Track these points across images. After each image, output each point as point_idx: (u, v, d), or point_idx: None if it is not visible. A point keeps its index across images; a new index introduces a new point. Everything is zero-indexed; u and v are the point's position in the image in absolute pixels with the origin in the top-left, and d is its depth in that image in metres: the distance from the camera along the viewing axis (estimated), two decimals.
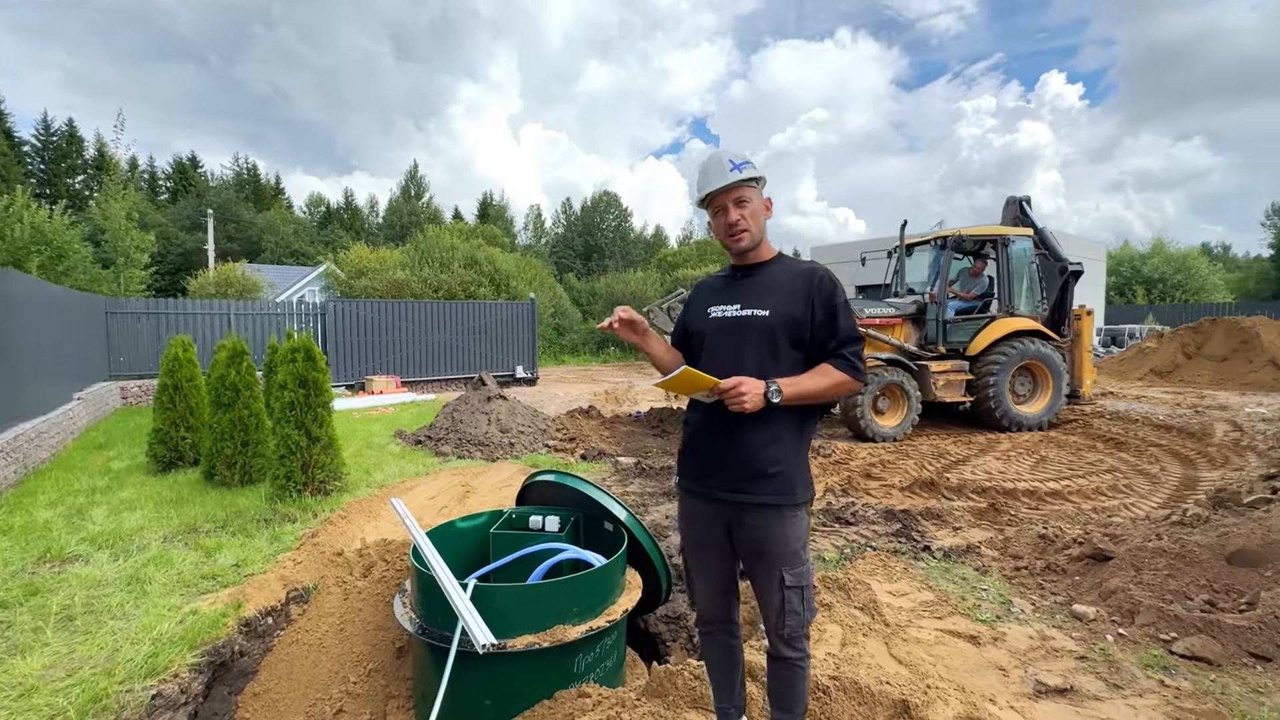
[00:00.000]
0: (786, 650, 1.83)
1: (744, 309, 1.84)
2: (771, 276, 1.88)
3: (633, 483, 5.55)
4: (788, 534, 1.77)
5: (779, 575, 1.77)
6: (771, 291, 1.84)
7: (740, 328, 1.84)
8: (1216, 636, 2.62)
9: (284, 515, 4.46)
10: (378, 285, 20.35)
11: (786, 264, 1.92)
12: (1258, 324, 14.02)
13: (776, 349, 1.80)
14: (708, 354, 1.90)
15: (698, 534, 1.97)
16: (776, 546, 1.77)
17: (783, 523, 1.77)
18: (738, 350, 1.82)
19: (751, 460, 1.77)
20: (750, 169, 1.85)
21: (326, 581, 3.45)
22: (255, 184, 47.32)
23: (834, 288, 1.82)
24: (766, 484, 1.77)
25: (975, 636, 2.74)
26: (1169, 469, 6.01)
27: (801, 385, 1.73)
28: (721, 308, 1.90)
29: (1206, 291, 28.74)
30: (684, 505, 2.02)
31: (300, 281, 28.65)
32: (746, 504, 1.79)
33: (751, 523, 1.79)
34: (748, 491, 1.78)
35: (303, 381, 4.76)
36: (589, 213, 47.79)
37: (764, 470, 1.76)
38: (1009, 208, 9.21)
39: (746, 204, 1.84)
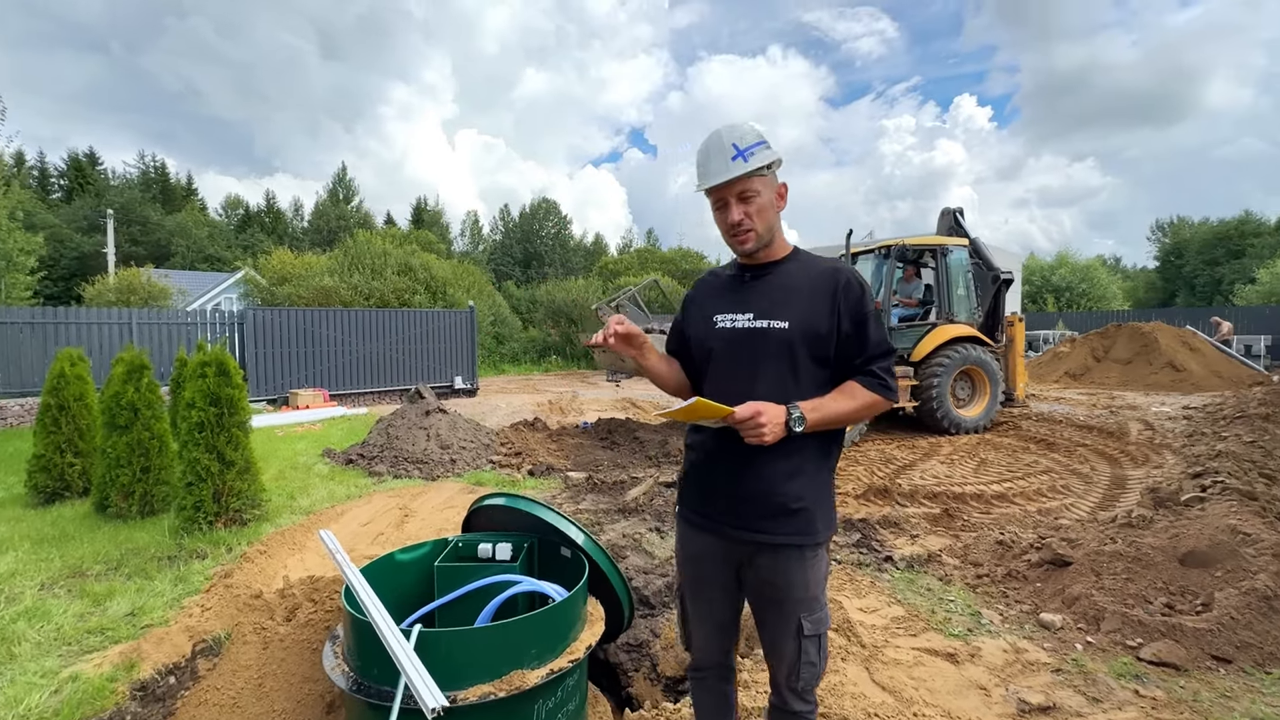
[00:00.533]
0: (797, 703, 1.62)
1: (758, 319, 1.57)
2: (789, 278, 1.60)
3: (585, 499, 5.29)
4: (808, 577, 1.56)
5: (796, 623, 1.56)
6: (789, 298, 1.57)
7: (754, 341, 1.57)
8: (1180, 641, 2.63)
9: (192, 551, 3.94)
10: (303, 292, 19.15)
11: (805, 262, 1.63)
12: (1156, 329, 15.23)
13: (797, 367, 1.54)
14: (715, 371, 1.64)
15: (701, 572, 1.73)
16: (795, 592, 1.56)
17: (803, 565, 1.55)
18: (752, 368, 1.57)
19: (770, 494, 1.53)
20: (761, 154, 1.53)
21: (242, 629, 3.02)
22: (164, 184, 43.95)
23: (862, 292, 1.56)
24: (787, 522, 1.53)
25: (952, 654, 2.66)
26: (1098, 468, 6.29)
27: (827, 409, 1.49)
28: (730, 316, 1.62)
29: (1107, 299, 31.26)
30: (685, 538, 1.76)
31: (215, 289, 26.73)
32: (763, 544, 1.56)
33: (768, 564, 1.57)
34: (765, 530, 1.55)
35: (214, 399, 4.25)
36: (527, 219, 47.07)
37: (785, 506, 1.53)
38: (944, 218, 9.57)
39: (753, 199, 1.55)
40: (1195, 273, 38.41)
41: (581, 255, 47.57)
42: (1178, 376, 13.66)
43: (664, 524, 4.49)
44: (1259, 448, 5.99)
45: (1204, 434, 7.53)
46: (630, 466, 6.40)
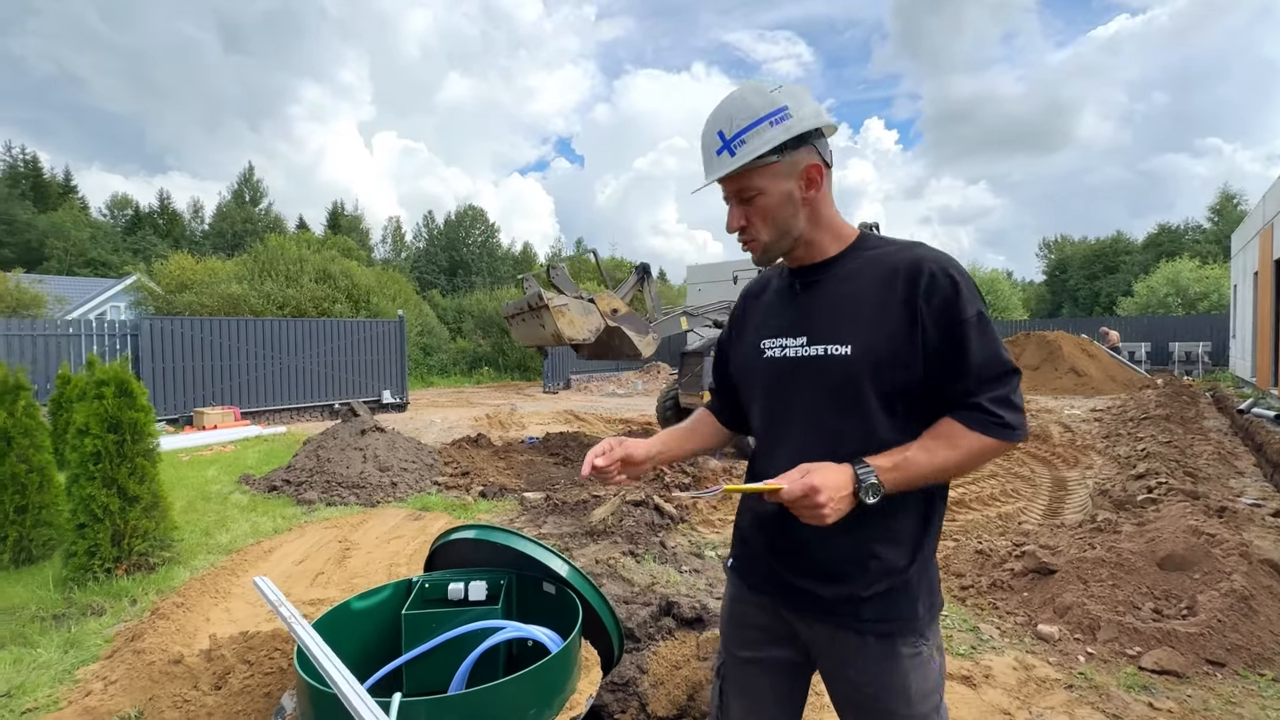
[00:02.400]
0: None
1: (812, 343, 1.17)
2: (849, 284, 1.16)
3: (546, 522, 4.94)
4: (909, 684, 1.13)
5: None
6: (853, 310, 1.14)
7: (808, 374, 1.17)
8: (1175, 647, 2.66)
9: (85, 607, 3.30)
10: (207, 300, 17.51)
11: (871, 257, 1.18)
12: (1059, 337, 16.52)
13: (866, 407, 1.12)
14: (760, 411, 1.28)
15: (756, 645, 1.31)
16: (894, 703, 1.13)
17: (900, 665, 1.13)
18: (806, 410, 1.18)
19: (847, 560, 1.14)
20: (755, 140, 1.11)
21: (158, 704, 2.50)
22: (36, 179, 39.34)
23: (955, 292, 1.08)
24: (872, 604, 1.13)
25: (968, 676, 2.56)
26: (1036, 471, 6.59)
27: (913, 466, 1.06)
28: (779, 341, 1.22)
29: (1009, 310, 33.89)
30: (738, 599, 1.36)
31: (100, 295, 24.02)
32: (844, 628, 1.16)
33: (847, 659, 1.17)
34: (841, 614, 1.15)
35: (114, 425, 3.62)
36: (453, 227, 45.60)
37: (869, 578, 1.13)
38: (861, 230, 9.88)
39: (754, 198, 1.16)
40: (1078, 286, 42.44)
41: (510, 264, 46.54)
42: (1080, 381, 14.84)
43: (638, 546, 4.24)
44: (1174, 447, 6.47)
45: (1120, 435, 8.11)
46: (589, 484, 6.09)
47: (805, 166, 1.14)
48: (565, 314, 6.25)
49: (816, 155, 1.15)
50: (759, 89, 1.14)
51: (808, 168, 1.15)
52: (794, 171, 1.14)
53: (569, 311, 6.29)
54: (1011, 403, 1.08)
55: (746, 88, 1.16)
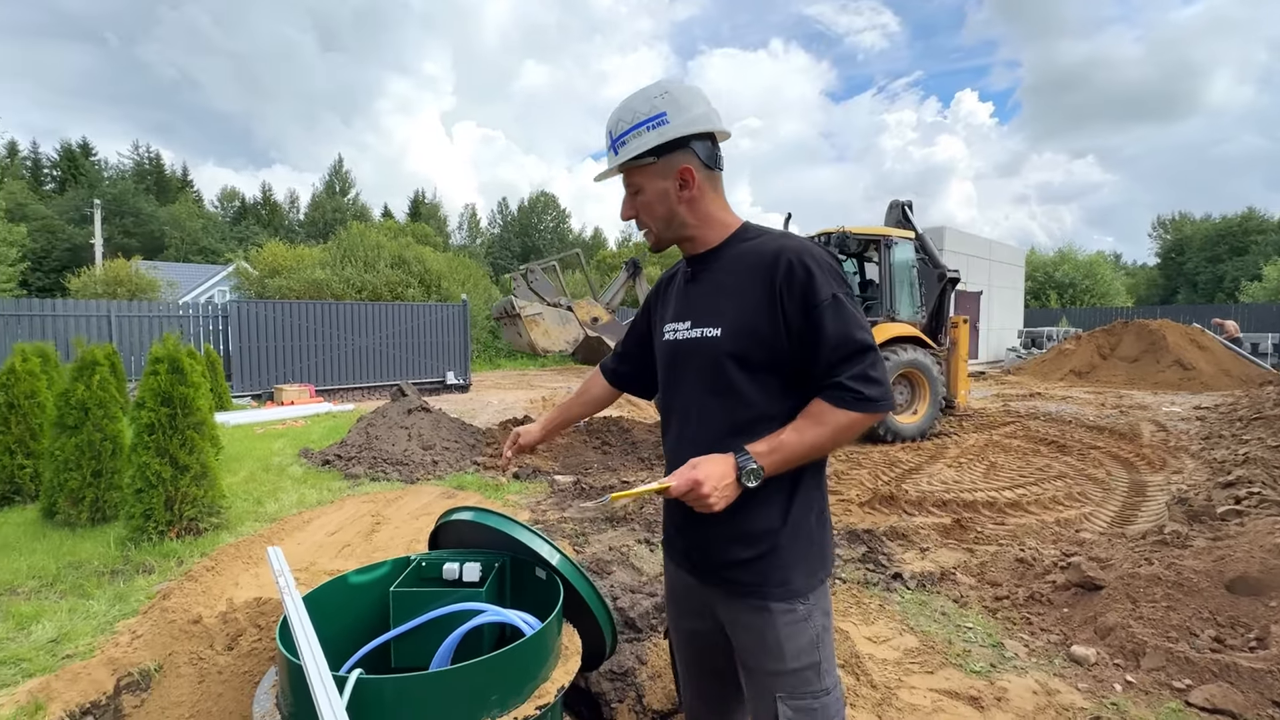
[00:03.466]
0: None
1: (694, 327, 1.28)
2: (725, 271, 1.27)
3: (571, 506, 4.96)
4: (782, 642, 1.20)
5: (771, 703, 1.21)
6: (724, 295, 1.25)
7: (687, 355, 1.28)
8: (1235, 683, 2.31)
9: (138, 565, 3.61)
10: (294, 285, 18.80)
11: (747, 248, 1.27)
12: (1163, 326, 14.91)
13: (737, 386, 1.21)
14: (665, 391, 1.39)
15: (679, 613, 1.46)
16: (768, 662, 1.22)
17: (774, 625, 1.20)
18: (691, 390, 1.28)
19: (723, 531, 1.22)
20: (635, 142, 1.23)
21: (176, 660, 2.69)
22: (159, 175, 43.51)
23: (809, 275, 1.16)
24: (748, 567, 1.21)
25: (976, 697, 2.34)
26: (1114, 473, 5.97)
27: (787, 447, 1.14)
28: (672, 326, 1.34)
29: (1110, 296, 30.91)
30: (667, 572, 1.51)
31: (208, 281, 26.38)
32: (731, 593, 1.26)
33: (734, 620, 1.27)
34: (723, 576, 1.26)
35: (166, 399, 3.91)
36: (526, 213, 46.70)
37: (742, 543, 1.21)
38: (892, 211, 8.98)
39: (637, 195, 1.29)
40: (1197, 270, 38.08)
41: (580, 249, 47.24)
42: (1186, 375, 13.35)
43: (654, 535, 4.17)
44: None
45: (1222, 436, 7.22)
46: (621, 470, 6.07)
47: (679, 168, 1.24)
48: (539, 324, 6.06)
49: (694, 158, 1.25)
50: (646, 94, 1.25)
51: (681, 169, 1.24)
52: (669, 172, 1.25)
53: (543, 321, 6.09)
54: (870, 377, 1.14)
55: (637, 93, 1.27)
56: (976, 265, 19.67)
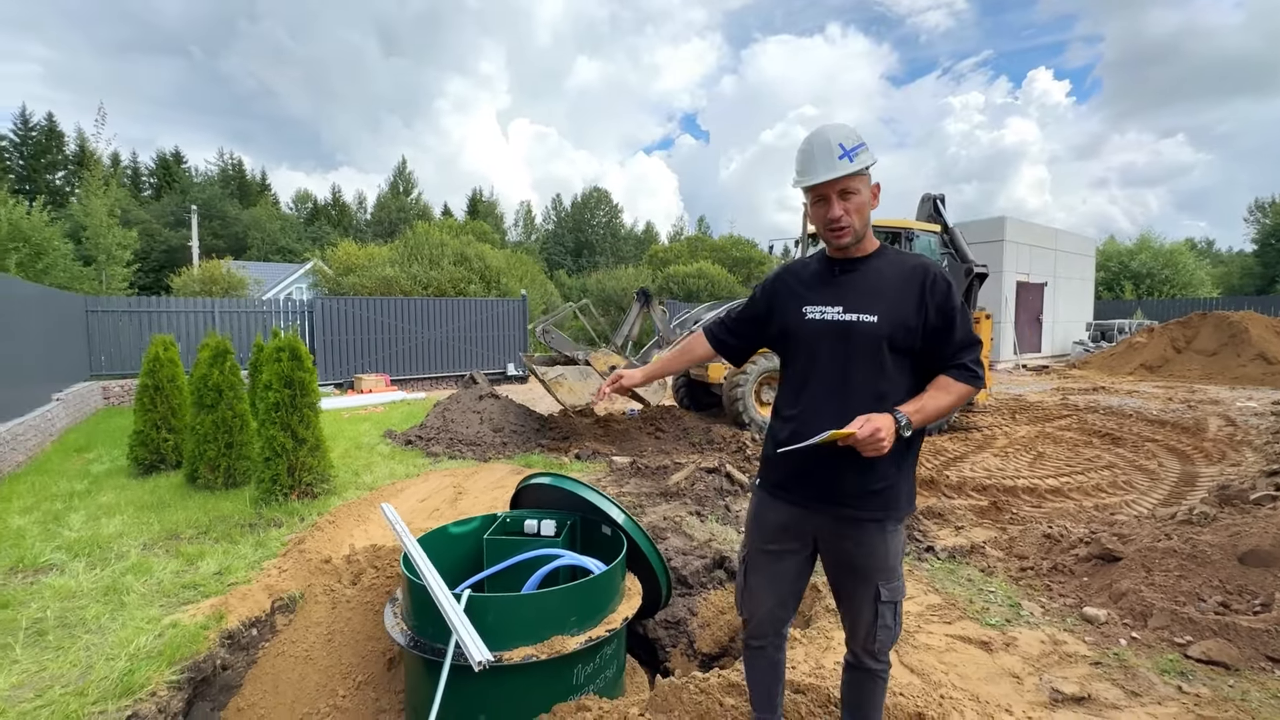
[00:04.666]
0: (871, 662, 1.77)
1: (848, 312, 1.65)
2: (877, 274, 1.67)
3: (628, 483, 5.44)
4: (889, 549, 1.68)
5: (875, 590, 1.68)
6: (879, 293, 1.64)
7: (846, 335, 1.65)
8: (1232, 640, 2.55)
9: (269, 520, 4.31)
10: (366, 282, 20.06)
11: (893, 259, 1.70)
12: (1246, 318, 14.13)
13: (883, 362, 1.63)
14: (806, 361, 1.73)
15: (777, 540, 1.81)
16: (877, 562, 1.67)
17: (884, 538, 1.67)
18: (844, 362, 1.65)
19: (858, 476, 1.64)
20: (863, 156, 1.62)
21: (314, 590, 3.32)
22: (241, 180, 46.65)
23: (949, 288, 1.63)
24: (873, 499, 1.65)
25: (986, 642, 2.66)
26: (1166, 465, 5.98)
27: (928, 408, 1.60)
28: (820, 308, 1.69)
29: (1193, 286, 28.98)
30: (764, 507, 1.84)
31: (287, 279, 28.28)
32: (850, 518, 1.67)
33: (852, 536, 1.68)
34: (852, 506, 1.66)
35: (288, 381, 4.61)
36: (579, 209, 47.57)
37: (870, 487, 1.64)
38: (924, 204, 8.95)
39: (853, 196, 1.63)
40: None
41: (632, 244, 47.76)
42: (1270, 369, 12.66)
43: (704, 508, 4.59)
44: None
45: None
46: (674, 453, 6.51)
47: (874, 185, 1.70)
48: (562, 385, 6.39)
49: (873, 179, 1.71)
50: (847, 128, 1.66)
51: (875, 185, 1.71)
52: (870, 186, 1.69)
53: (566, 381, 6.42)
54: (979, 362, 1.66)
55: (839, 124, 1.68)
56: (1041, 256, 19.02)
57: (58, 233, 15.68)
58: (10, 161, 33.60)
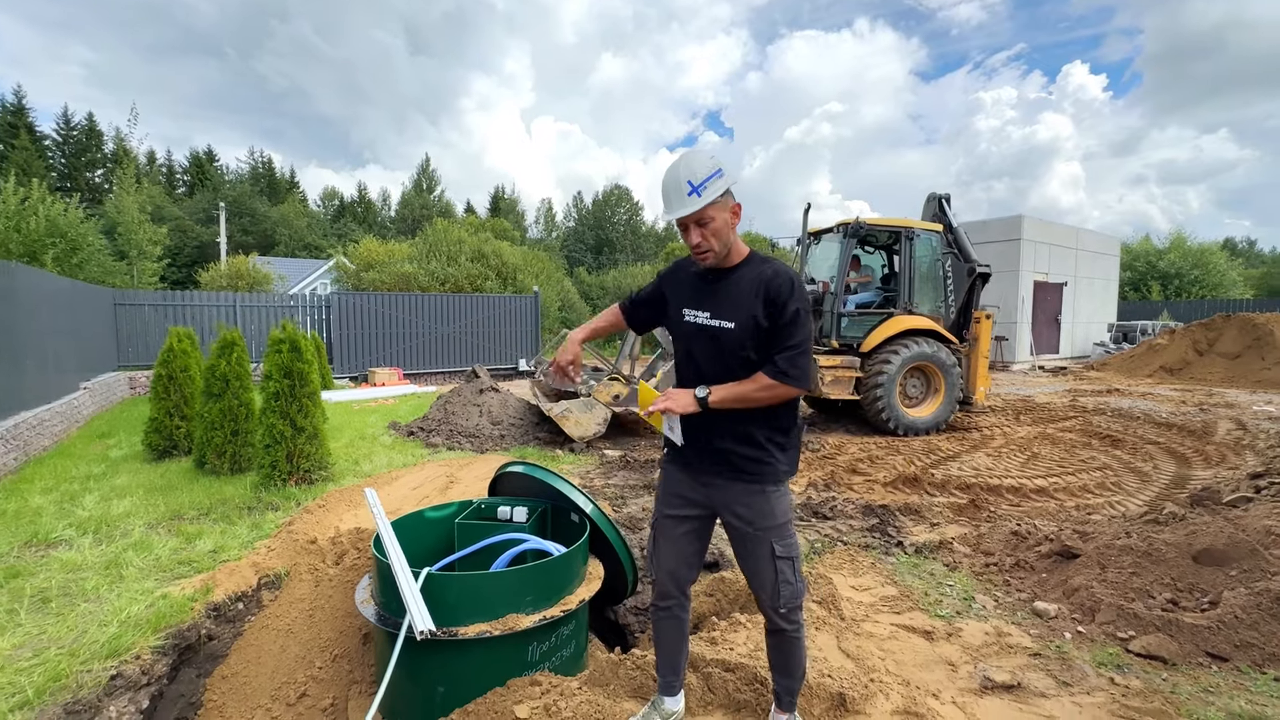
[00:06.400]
0: (783, 623, 1.91)
1: (713, 318, 1.87)
2: (738, 284, 1.86)
3: (616, 475, 5.57)
4: (773, 508, 1.87)
5: (769, 547, 1.86)
6: (736, 301, 1.84)
7: (710, 338, 1.88)
8: (1174, 635, 2.59)
9: (268, 504, 4.53)
10: (385, 278, 20.51)
11: (751, 268, 1.88)
12: (1272, 320, 13.72)
13: (740, 360, 1.84)
14: (683, 355, 2.00)
15: (674, 503, 2.03)
16: (765, 521, 1.86)
17: (766, 498, 1.87)
18: (708, 358, 1.90)
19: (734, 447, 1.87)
20: (713, 186, 1.77)
21: (299, 568, 3.51)
22: (270, 178, 47.83)
23: (787, 294, 1.78)
24: (750, 466, 1.87)
25: (930, 632, 2.73)
26: (1162, 467, 5.91)
27: (729, 390, 1.80)
28: (693, 313, 1.93)
29: (1224, 287, 28.05)
30: (668, 479, 2.07)
31: (312, 274, 28.99)
32: (732, 484, 1.89)
33: (739, 500, 1.89)
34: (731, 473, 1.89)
35: (287, 372, 4.83)
36: (600, 206, 47.78)
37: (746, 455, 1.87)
38: (929, 204, 8.82)
39: (708, 224, 1.81)
40: None
41: (652, 241, 47.82)
42: None
43: None
44: None
45: None
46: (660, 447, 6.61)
47: (732, 205, 1.84)
48: (569, 418, 6.50)
49: (734, 199, 1.86)
50: (701, 155, 1.82)
51: (734, 206, 1.85)
52: (728, 207, 1.84)
53: (572, 414, 6.54)
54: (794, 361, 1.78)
55: (693, 155, 1.83)
56: (1060, 255, 18.65)
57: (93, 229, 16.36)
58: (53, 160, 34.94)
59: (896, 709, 2.16)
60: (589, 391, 6.97)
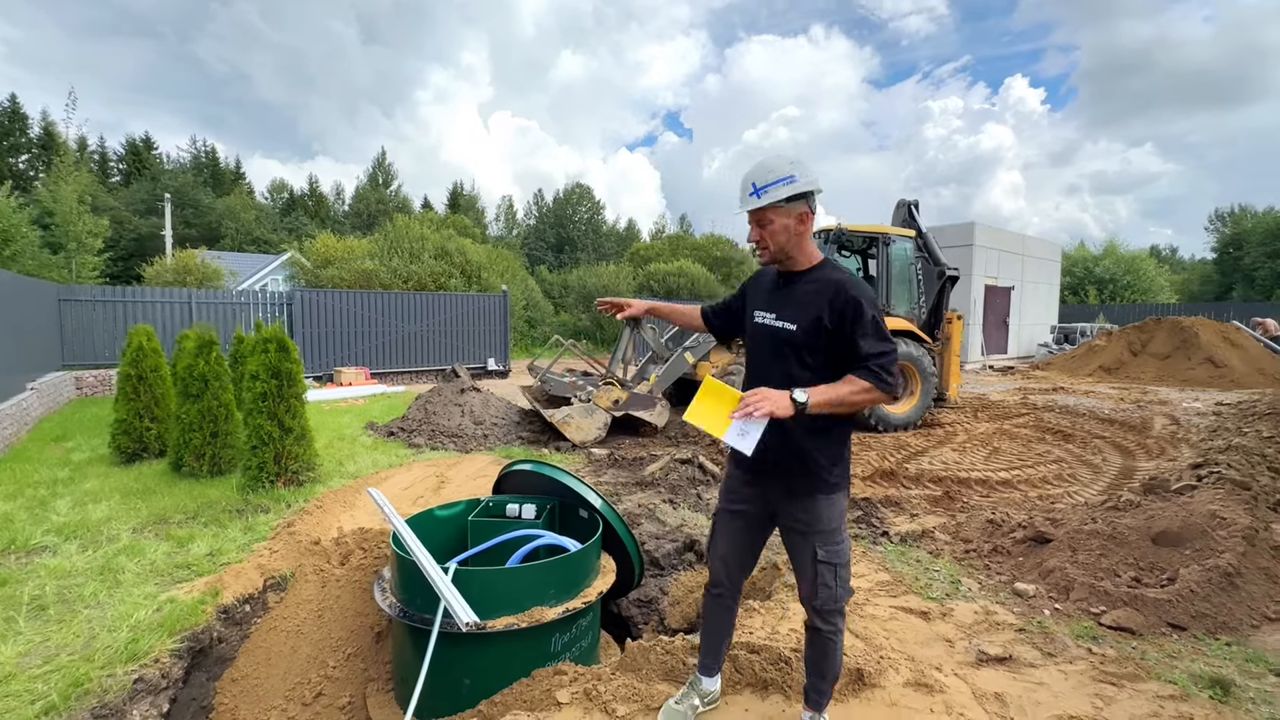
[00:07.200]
0: (819, 621, 2.00)
1: (778, 320, 1.97)
2: (804, 289, 1.94)
3: (606, 473, 5.66)
4: (822, 515, 1.94)
5: (813, 550, 1.94)
6: (802, 303, 1.92)
7: (775, 338, 1.97)
8: (1140, 609, 2.87)
9: (257, 506, 4.45)
10: (345, 275, 19.96)
11: (820, 274, 1.95)
12: (1196, 324, 14.84)
13: (801, 361, 1.91)
14: (752, 355, 2.09)
15: (733, 503, 2.13)
16: (812, 525, 1.94)
17: (816, 504, 1.94)
18: (771, 360, 1.98)
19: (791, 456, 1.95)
20: (775, 191, 1.87)
21: (304, 570, 3.49)
22: (214, 168, 45.70)
23: (856, 302, 1.84)
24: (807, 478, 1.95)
25: (926, 612, 2.95)
26: (1110, 459, 6.39)
27: (827, 395, 1.80)
28: (764, 314, 2.03)
29: (1153, 292, 30.11)
30: (729, 476, 2.18)
31: (263, 270, 27.90)
32: (788, 488, 1.98)
33: (794, 503, 1.98)
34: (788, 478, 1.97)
35: (275, 372, 4.74)
36: (561, 204, 47.52)
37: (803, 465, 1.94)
38: (899, 210, 9.28)
39: (767, 225, 1.92)
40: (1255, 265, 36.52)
41: (614, 240, 47.88)
42: (1217, 373, 13.34)
43: (677, 496, 4.84)
44: (1275, 443, 6.02)
45: (1227, 430, 7.50)
46: (650, 445, 6.76)
47: (799, 212, 1.91)
48: (570, 424, 6.62)
49: (806, 206, 1.92)
50: (779, 159, 1.92)
51: (800, 212, 1.92)
52: (792, 214, 1.92)
53: (573, 420, 6.65)
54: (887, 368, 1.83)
55: (770, 158, 1.93)
56: (1009, 261, 19.66)
57: (25, 219, 15.36)
58: None
59: (908, 681, 2.35)
60: (589, 397, 7.04)
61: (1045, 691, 2.36)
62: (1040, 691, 2.37)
